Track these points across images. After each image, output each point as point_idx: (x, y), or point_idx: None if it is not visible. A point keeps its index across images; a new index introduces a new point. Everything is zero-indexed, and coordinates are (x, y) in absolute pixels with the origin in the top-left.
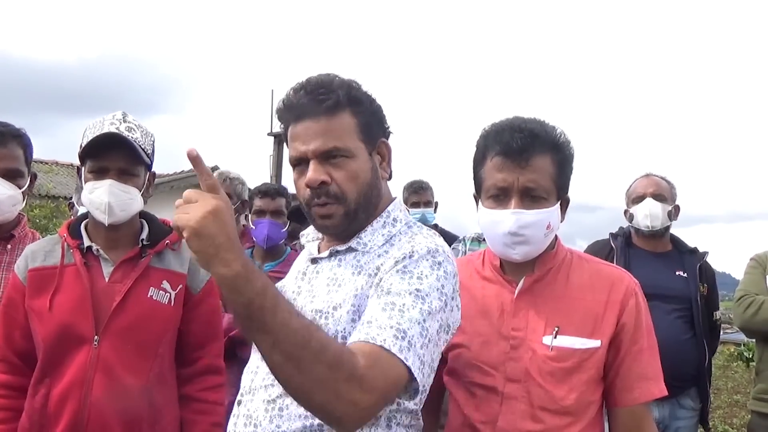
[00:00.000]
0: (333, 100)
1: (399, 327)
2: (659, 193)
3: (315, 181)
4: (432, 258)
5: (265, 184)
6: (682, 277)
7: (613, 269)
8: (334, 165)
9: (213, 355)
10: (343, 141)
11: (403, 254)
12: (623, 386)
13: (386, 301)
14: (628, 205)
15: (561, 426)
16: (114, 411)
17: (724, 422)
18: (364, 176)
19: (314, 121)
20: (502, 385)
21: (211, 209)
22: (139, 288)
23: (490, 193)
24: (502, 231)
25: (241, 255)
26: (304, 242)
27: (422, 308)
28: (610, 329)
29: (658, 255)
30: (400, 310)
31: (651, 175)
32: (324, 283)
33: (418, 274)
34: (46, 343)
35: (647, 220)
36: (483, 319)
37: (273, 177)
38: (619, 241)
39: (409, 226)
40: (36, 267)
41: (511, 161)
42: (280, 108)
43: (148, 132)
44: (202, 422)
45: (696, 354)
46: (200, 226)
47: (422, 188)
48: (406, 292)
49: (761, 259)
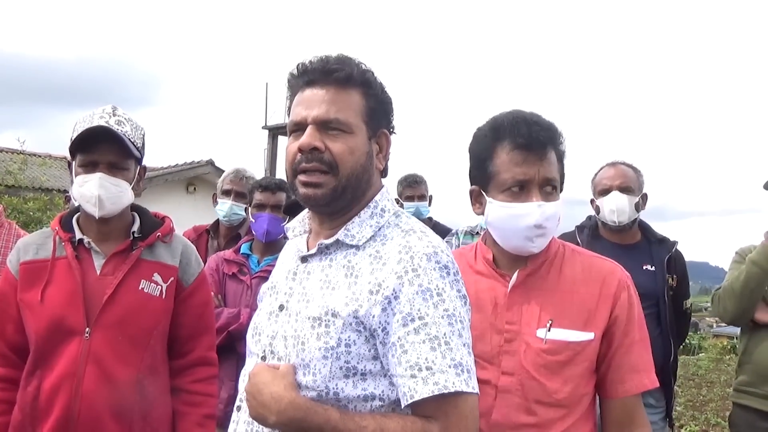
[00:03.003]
0: (345, 73)
1: (454, 362)
2: (626, 185)
3: (308, 145)
4: (437, 264)
5: (266, 178)
6: (650, 271)
7: (605, 262)
8: (331, 136)
9: (204, 347)
10: (345, 115)
11: (405, 268)
12: (615, 378)
13: (428, 335)
14: (595, 196)
15: (555, 418)
16: (105, 403)
17: (716, 415)
18: (359, 155)
19: (322, 89)
20: (497, 379)
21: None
22: (131, 280)
23: (506, 186)
24: (525, 224)
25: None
26: (291, 236)
27: (458, 329)
28: (603, 322)
29: (625, 247)
30: (446, 343)
31: (617, 164)
32: (317, 286)
33: (438, 291)
34: (38, 336)
35: (614, 215)
36: (477, 313)
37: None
38: (585, 234)
39: (396, 216)
40: (28, 260)
41: (532, 154)
42: (293, 73)
43: (138, 125)
44: (194, 414)
45: (661, 351)
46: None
47: (416, 182)
48: (440, 318)
49: (744, 253)
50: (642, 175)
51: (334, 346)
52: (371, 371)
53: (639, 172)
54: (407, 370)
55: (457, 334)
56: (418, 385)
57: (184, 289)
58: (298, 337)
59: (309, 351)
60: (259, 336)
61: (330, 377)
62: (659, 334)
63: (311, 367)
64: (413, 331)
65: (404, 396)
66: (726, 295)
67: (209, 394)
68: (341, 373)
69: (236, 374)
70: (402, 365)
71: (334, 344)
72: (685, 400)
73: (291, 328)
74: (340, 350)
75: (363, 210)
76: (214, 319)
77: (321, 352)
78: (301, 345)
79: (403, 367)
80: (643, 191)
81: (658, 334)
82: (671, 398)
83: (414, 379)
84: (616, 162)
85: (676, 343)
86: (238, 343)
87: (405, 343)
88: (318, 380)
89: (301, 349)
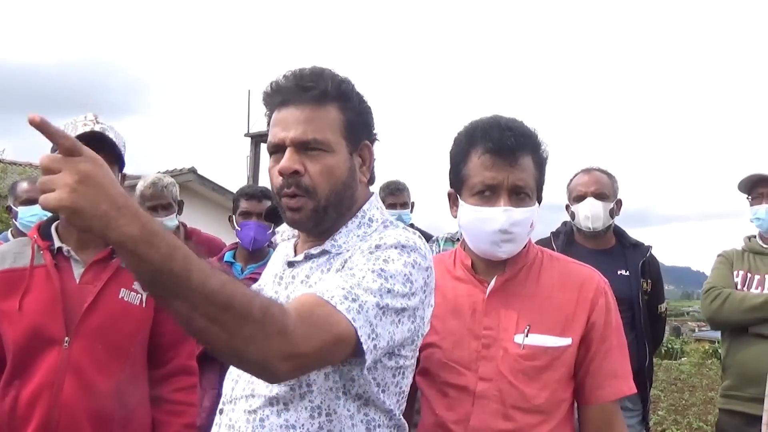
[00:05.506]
0: (320, 90)
1: (351, 291)
2: (600, 192)
3: (287, 169)
4: (401, 248)
5: (252, 186)
6: (624, 276)
7: (582, 268)
8: (310, 157)
9: (185, 356)
10: (323, 134)
11: (370, 245)
12: (593, 384)
13: (345, 273)
14: (570, 202)
15: (532, 424)
16: (85, 412)
17: (699, 419)
18: (339, 174)
19: (298, 109)
20: (474, 384)
21: (81, 176)
22: (110, 289)
23: (476, 190)
24: (491, 228)
25: (136, 217)
26: (280, 240)
27: (382, 284)
28: (581, 327)
29: (600, 253)
30: (357, 280)
31: (592, 171)
32: (301, 289)
33: (385, 258)
34: (16, 345)
35: (588, 221)
36: (455, 319)
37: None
38: (560, 240)
39: (386, 226)
40: (5, 269)
41: (501, 159)
42: (267, 92)
43: (119, 133)
44: (174, 423)
45: (636, 356)
46: (74, 201)
47: (399, 189)
48: (369, 270)
49: (728, 255)
50: (617, 181)
51: None
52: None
53: (614, 178)
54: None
55: (378, 286)
56: (308, 293)
57: None
58: None
59: None
60: None
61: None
62: (634, 338)
63: None
64: (335, 271)
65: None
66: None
67: (190, 403)
68: None
69: (218, 382)
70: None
71: None
72: (668, 405)
73: None
74: None
75: (350, 220)
76: None
77: None
78: None
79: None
80: (618, 197)
81: (633, 339)
82: (647, 402)
83: (310, 289)
84: (590, 168)
85: (651, 347)
86: None
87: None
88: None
89: None
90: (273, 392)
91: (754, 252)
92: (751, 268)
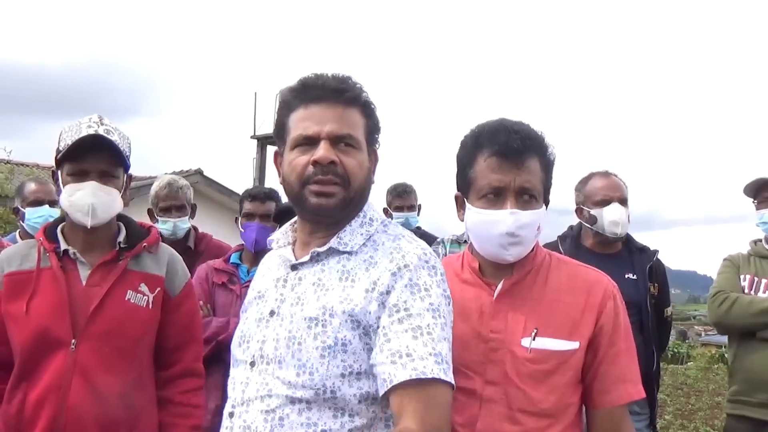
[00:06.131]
0: (354, 94)
1: (434, 351)
2: (624, 197)
3: (326, 159)
4: (426, 263)
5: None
6: (632, 280)
7: (591, 271)
8: (342, 151)
9: (191, 358)
10: (355, 132)
11: (398, 265)
12: (601, 388)
13: (411, 324)
14: (587, 205)
15: (540, 428)
16: (92, 415)
17: (705, 424)
18: (365, 171)
19: (330, 107)
20: (481, 388)
21: None
22: (117, 291)
23: (482, 192)
24: (498, 231)
25: None
26: (275, 247)
27: (441, 323)
28: (588, 331)
29: (607, 256)
30: (428, 333)
31: (611, 176)
32: (311, 289)
33: (425, 286)
34: (23, 348)
35: (616, 228)
36: (462, 322)
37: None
38: (567, 243)
39: (384, 225)
40: (12, 271)
41: (508, 162)
42: (295, 88)
43: (124, 135)
44: (181, 425)
45: (644, 359)
46: None
47: (406, 192)
48: (425, 310)
49: (734, 260)
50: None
51: (332, 345)
52: (366, 371)
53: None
54: (388, 357)
55: (440, 327)
56: (398, 370)
57: (171, 299)
58: (293, 338)
59: (306, 351)
60: (248, 343)
61: (327, 376)
62: (642, 342)
63: (308, 367)
64: (397, 321)
65: (383, 383)
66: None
67: (196, 405)
68: (338, 371)
69: (224, 384)
70: (384, 353)
71: (332, 343)
72: (674, 409)
73: (284, 330)
74: (337, 349)
75: (353, 219)
76: (201, 330)
77: (318, 351)
78: (297, 345)
79: (385, 354)
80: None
81: (641, 342)
82: (655, 406)
83: (394, 365)
84: (608, 173)
85: (658, 350)
86: (226, 353)
87: (389, 332)
88: (315, 379)
89: (297, 349)
90: (297, 394)
91: (760, 256)
92: (757, 272)
